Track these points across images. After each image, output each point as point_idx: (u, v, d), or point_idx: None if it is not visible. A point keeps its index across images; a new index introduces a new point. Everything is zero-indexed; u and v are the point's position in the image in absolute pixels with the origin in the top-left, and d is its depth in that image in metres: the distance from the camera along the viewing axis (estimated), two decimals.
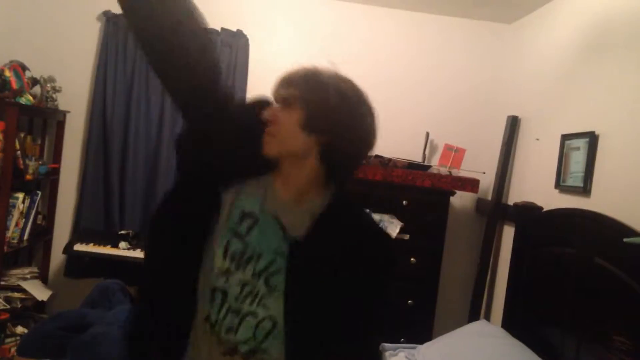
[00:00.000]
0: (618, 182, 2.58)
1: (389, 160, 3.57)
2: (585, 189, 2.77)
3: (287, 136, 1.28)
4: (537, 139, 3.40)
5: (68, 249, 3.49)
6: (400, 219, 3.47)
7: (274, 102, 1.31)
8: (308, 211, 1.33)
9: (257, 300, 1.30)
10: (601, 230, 2.59)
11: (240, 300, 1.31)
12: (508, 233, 3.60)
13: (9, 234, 3.25)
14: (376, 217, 3.46)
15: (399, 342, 3.39)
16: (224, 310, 1.31)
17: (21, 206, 3.34)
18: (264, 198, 1.34)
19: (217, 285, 1.31)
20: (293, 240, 1.31)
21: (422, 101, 3.93)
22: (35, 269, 3.66)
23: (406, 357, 3.20)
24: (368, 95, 1.32)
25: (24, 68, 3.41)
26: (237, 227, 1.33)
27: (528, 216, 3.24)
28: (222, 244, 1.32)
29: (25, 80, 3.38)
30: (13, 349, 3.30)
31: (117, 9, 3.66)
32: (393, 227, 3.44)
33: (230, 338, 1.31)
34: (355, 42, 3.84)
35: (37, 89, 3.51)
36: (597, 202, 2.70)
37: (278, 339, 1.30)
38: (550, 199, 3.10)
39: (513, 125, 3.65)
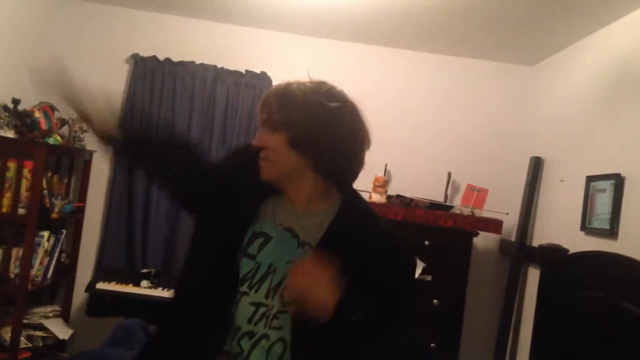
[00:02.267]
0: None
1: (411, 200, 3.56)
2: (612, 232, 2.73)
3: (279, 158, 1.33)
4: (562, 180, 3.37)
5: (90, 287, 3.50)
6: (422, 260, 3.43)
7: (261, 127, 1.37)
8: (318, 218, 1.36)
9: (269, 321, 1.31)
10: (629, 273, 2.53)
11: (254, 322, 1.32)
12: (533, 275, 3.53)
13: (33, 272, 3.27)
14: None
15: None
16: (237, 337, 1.32)
17: (46, 244, 3.37)
18: (273, 216, 1.37)
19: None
20: (307, 246, 1.34)
21: (445, 142, 3.93)
22: (58, 308, 3.67)
23: None
24: (343, 92, 1.39)
25: (53, 109, 3.49)
26: (247, 248, 1.35)
27: (554, 258, 3.17)
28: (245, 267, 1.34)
29: (54, 121, 3.46)
30: None
31: (145, 52, 3.78)
32: (415, 268, 3.40)
33: None
34: (377, 84, 3.87)
35: (65, 130, 3.58)
36: (624, 245, 2.65)
37: None
38: (576, 242, 3.04)
39: (536, 166, 3.63)
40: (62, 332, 3.50)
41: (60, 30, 3.80)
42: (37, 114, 3.28)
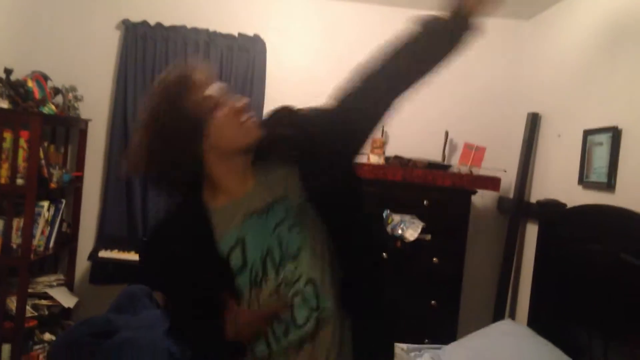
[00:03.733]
0: None
1: (409, 160, 3.56)
2: (609, 185, 2.74)
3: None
4: (559, 135, 3.37)
5: (93, 255, 3.54)
6: (421, 219, 3.45)
7: None
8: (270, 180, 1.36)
9: (292, 286, 1.32)
10: (627, 225, 2.56)
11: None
12: (531, 231, 3.56)
13: (35, 242, 3.29)
14: (397, 217, 3.45)
15: (423, 343, 3.37)
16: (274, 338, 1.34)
17: (46, 214, 3.39)
18: (228, 225, 1.35)
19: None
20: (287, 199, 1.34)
21: (441, 101, 3.91)
22: (61, 276, 3.71)
23: (431, 357, 3.17)
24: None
25: (45, 78, 3.46)
26: (234, 269, 1.34)
27: (552, 213, 3.20)
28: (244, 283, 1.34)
29: (48, 90, 3.43)
30: (41, 356, 3.35)
31: (135, 17, 3.72)
32: (414, 227, 3.43)
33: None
34: (372, 43, 3.81)
35: (59, 99, 3.56)
36: (622, 198, 2.66)
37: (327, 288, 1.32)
38: (574, 196, 3.06)
39: (534, 122, 3.62)
40: (66, 300, 3.54)
41: None
42: (30, 83, 3.25)
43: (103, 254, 3.48)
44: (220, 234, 1.34)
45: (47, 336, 3.44)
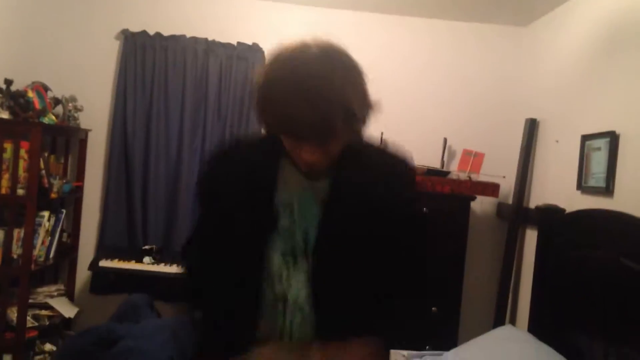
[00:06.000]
0: None
1: None
2: (607, 189, 2.75)
3: (333, 156, 1.29)
4: (557, 141, 3.38)
5: (93, 265, 3.53)
6: None
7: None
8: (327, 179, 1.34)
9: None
10: (626, 230, 2.57)
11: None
12: (531, 236, 3.57)
13: (35, 252, 3.29)
14: None
15: (424, 350, 3.37)
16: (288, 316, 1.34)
17: (47, 224, 3.39)
18: (285, 185, 1.35)
19: (277, 292, 1.34)
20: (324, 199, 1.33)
21: (440, 108, 3.93)
22: (62, 286, 3.71)
23: None
24: (336, 47, 1.29)
25: (46, 88, 3.48)
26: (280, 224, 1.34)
27: (551, 218, 3.21)
28: (276, 248, 1.34)
29: (48, 100, 3.45)
30: None
31: (135, 27, 3.74)
32: None
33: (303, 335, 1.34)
34: (370, 51, 3.84)
35: (59, 109, 3.57)
36: (620, 202, 2.68)
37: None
38: (573, 201, 3.07)
39: (532, 127, 3.64)
40: (67, 310, 3.54)
41: (48, 8, 3.76)
42: (31, 94, 3.26)
43: (104, 263, 3.47)
44: (281, 192, 1.34)
45: (48, 346, 3.44)
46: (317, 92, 1.14)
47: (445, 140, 3.84)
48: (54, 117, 3.42)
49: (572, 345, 2.87)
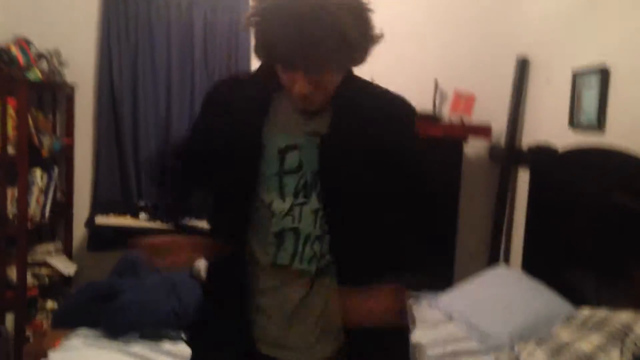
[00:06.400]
0: (632, 115, 2.57)
1: None
2: (599, 125, 2.76)
3: (328, 92, 1.27)
4: (548, 80, 3.37)
5: (89, 222, 3.54)
6: None
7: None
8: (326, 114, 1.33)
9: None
10: (618, 164, 2.59)
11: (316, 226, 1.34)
12: (523, 177, 3.60)
13: (30, 210, 3.29)
14: None
15: (420, 291, 3.43)
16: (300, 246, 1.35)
17: (40, 183, 3.37)
18: (289, 124, 1.34)
19: (284, 227, 1.34)
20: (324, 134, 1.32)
21: (430, 49, 3.85)
22: (59, 244, 3.72)
23: (428, 305, 3.24)
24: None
25: (28, 43, 3.39)
26: (282, 166, 1.33)
27: (542, 157, 3.23)
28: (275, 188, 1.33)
29: (32, 55, 3.37)
30: (45, 323, 3.39)
31: None
32: None
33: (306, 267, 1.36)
34: None
35: (43, 64, 3.49)
36: (612, 138, 2.69)
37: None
38: (565, 139, 3.08)
39: (523, 67, 3.62)
40: (66, 268, 3.57)
41: None
42: (14, 49, 3.19)
43: (100, 220, 3.48)
44: (272, 127, 1.34)
45: (50, 304, 3.48)
46: (309, 16, 1.10)
47: (436, 81, 3.80)
48: (39, 73, 3.35)
49: (564, 282, 2.94)
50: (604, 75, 2.72)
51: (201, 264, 2.64)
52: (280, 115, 1.35)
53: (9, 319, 3.33)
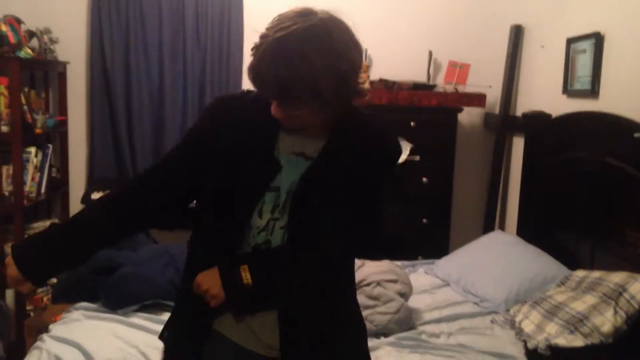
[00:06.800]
0: (626, 80, 2.58)
1: (394, 83, 3.55)
2: (593, 91, 2.77)
3: (307, 121, 1.32)
4: (542, 46, 3.37)
5: (86, 198, 3.55)
6: (409, 141, 3.48)
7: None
8: (322, 135, 1.38)
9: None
10: (611, 129, 2.61)
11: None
12: (518, 144, 3.62)
13: (26, 188, 3.29)
14: None
15: (417, 259, 3.47)
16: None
17: (34, 160, 3.37)
18: (280, 146, 1.38)
19: (258, 242, 1.39)
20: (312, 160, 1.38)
21: (423, 19, 3.84)
22: (56, 221, 3.73)
23: (425, 272, 3.28)
24: (334, 18, 1.26)
25: (19, 21, 3.36)
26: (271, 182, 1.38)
27: (537, 124, 3.25)
28: (258, 203, 1.37)
29: (22, 33, 3.34)
30: (45, 298, 3.42)
31: None
32: (403, 149, 3.46)
33: None
34: None
35: (34, 42, 3.46)
36: (605, 103, 2.70)
37: None
38: (559, 105, 3.09)
39: (517, 34, 3.60)
40: None
41: None
42: (4, 28, 3.15)
43: (96, 196, 3.48)
44: (278, 148, 1.38)
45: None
46: (285, 62, 1.19)
47: (430, 52, 3.80)
48: (30, 51, 3.33)
49: (559, 247, 2.97)
50: (598, 40, 2.72)
51: None
52: (284, 136, 1.39)
53: (9, 294, 3.35)
